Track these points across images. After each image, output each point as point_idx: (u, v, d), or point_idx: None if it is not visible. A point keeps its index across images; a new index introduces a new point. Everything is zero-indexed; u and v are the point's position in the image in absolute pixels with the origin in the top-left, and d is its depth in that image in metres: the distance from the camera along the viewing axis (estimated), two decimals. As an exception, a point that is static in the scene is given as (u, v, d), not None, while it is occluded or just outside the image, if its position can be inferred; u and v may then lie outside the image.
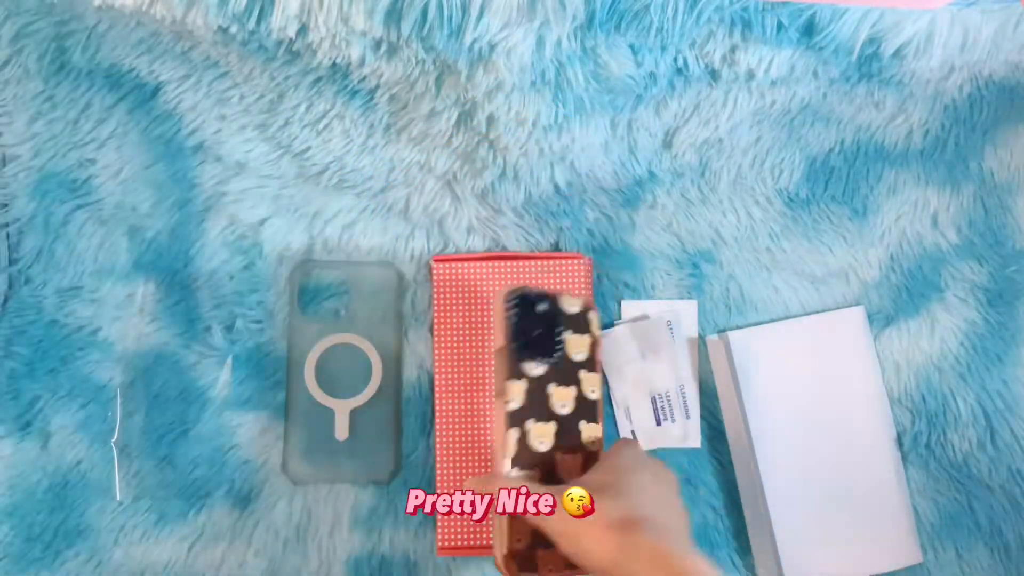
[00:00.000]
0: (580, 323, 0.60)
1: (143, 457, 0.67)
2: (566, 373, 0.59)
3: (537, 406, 0.59)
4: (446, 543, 0.66)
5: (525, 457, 0.58)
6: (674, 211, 0.70)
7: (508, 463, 0.58)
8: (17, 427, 0.66)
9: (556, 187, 0.68)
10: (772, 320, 0.69)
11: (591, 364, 0.60)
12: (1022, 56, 0.66)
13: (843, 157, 0.70)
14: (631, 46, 0.62)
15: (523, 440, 0.58)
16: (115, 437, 0.66)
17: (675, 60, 0.64)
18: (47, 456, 0.66)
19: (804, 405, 0.67)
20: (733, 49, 0.63)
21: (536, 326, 0.59)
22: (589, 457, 0.59)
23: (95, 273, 0.68)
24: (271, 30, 0.59)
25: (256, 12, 0.58)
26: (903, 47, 0.63)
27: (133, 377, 0.67)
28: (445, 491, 0.66)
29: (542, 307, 0.59)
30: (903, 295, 0.70)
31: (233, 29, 0.59)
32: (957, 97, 0.69)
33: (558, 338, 0.59)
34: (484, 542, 0.66)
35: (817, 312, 0.69)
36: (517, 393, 0.58)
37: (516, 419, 0.58)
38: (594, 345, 0.60)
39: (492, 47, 0.59)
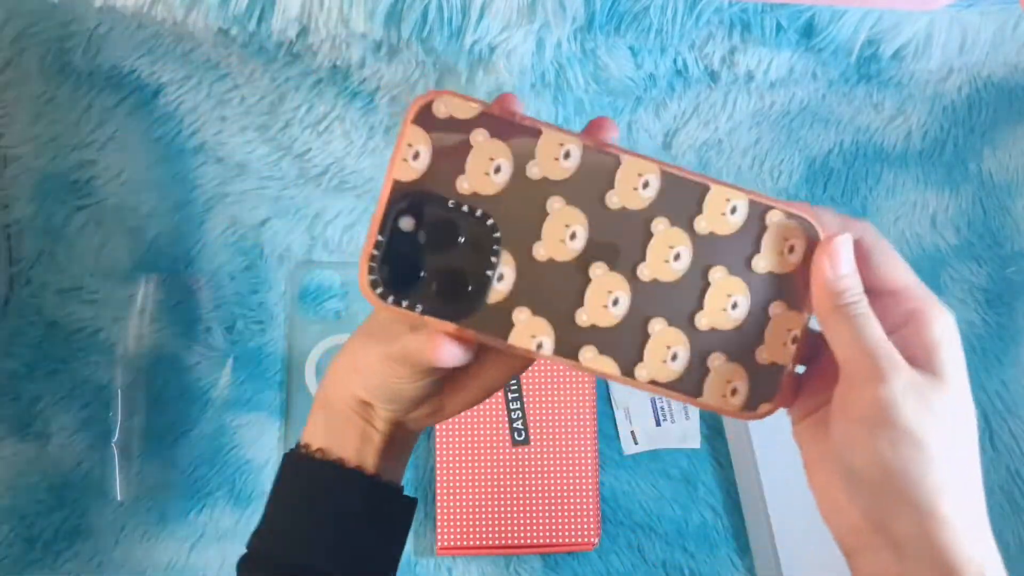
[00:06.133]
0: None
1: (144, 457, 0.67)
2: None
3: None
4: (446, 543, 0.66)
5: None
6: (674, 212, 0.70)
7: None
8: (18, 428, 0.67)
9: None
10: (771, 321, 0.69)
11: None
12: (1021, 57, 0.66)
13: (842, 158, 0.70)
14: (631, 48, 0.62)
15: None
16: (116, 437, 0.66)
17: (674, 62, 0.64)
18: (48, 457, 0.66)
19: (803, 406, 0.67)
20: (732, 51, 0.63)
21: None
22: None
23: (96, 274, 0.68)
24: (272, 32, 0.59)
25: (257, 14, 0.58)
26: (902, 49, 0.63)
27: (134, 378, 0.67)
28: (446, 492, 0.66)
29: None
30: (902, 296, 0.70)
31: (234, 31, 0.59)
32: (956, 98, 0.69)
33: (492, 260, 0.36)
34: (484, 542, 0.66)
35: (816, 313, 0.69)
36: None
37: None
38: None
39: (492, 49, 0.59)
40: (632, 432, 0.68)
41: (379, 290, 0.35)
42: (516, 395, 0.67)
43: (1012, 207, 0.70)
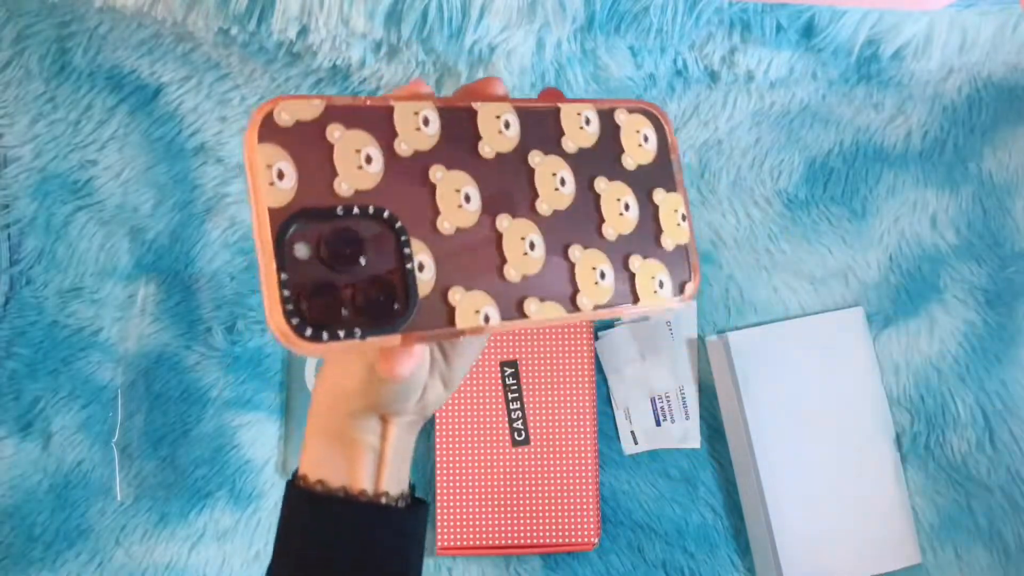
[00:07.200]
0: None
1: (144, 457, 0.67)
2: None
3: None
4: (446, 543, 0.66)
5: None
6: (674, 212, 0.70)
7: None
8: (18, 428, 0.67)
9: (556, 188, 0.69)
10: (771, 321, 0.69)
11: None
12: (1020, 57, 0.66)
13: (842, 158, 0.70)
14: (631, 48, 0.62)
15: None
16: (116, 438, 0.66)
17: (674, 62, 0.64)
18: (48, 457, 0.67)
19: (803, 406, 0.67)
20: (732, 51, 0.63)
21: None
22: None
23: (96, 274, 0.68)
24: (272, 32, 0.59)
25: (257, 14, 0.58)
26: (902, 49, 0.63)
27: (134, 378, 0.67)
28: (445, 492, 0.66)
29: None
30: (902, 296, 0.70)
31: (234, 31, 0.59)
32: (956, 98, 0.69)
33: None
34: (484, 542, 0.66)
35: (816, 313, 0.69)
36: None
37: None
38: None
39: (492, 49, 0.59)
40: (632, 432, 0.68)
41: (307, 333, 0.30)
42: (516, 395, 0.67)
43: (1012, 207, 0.70)
